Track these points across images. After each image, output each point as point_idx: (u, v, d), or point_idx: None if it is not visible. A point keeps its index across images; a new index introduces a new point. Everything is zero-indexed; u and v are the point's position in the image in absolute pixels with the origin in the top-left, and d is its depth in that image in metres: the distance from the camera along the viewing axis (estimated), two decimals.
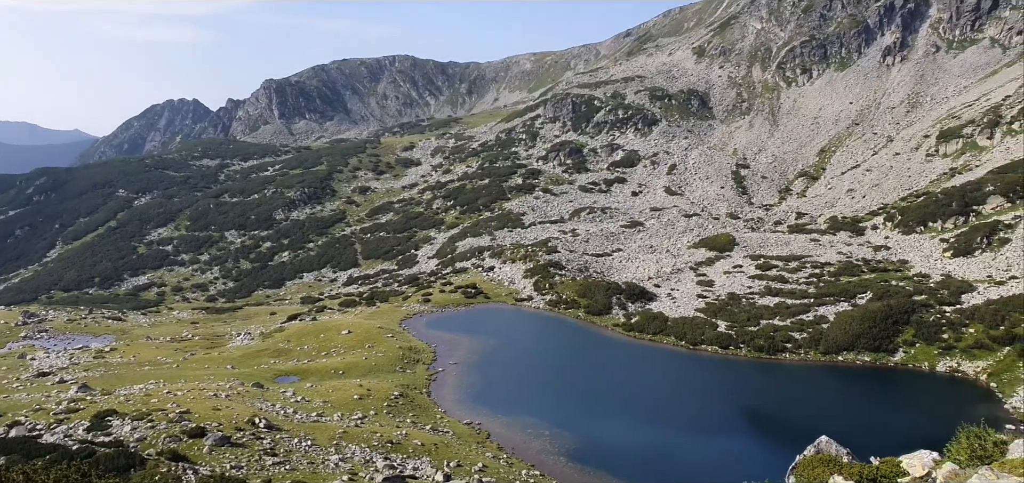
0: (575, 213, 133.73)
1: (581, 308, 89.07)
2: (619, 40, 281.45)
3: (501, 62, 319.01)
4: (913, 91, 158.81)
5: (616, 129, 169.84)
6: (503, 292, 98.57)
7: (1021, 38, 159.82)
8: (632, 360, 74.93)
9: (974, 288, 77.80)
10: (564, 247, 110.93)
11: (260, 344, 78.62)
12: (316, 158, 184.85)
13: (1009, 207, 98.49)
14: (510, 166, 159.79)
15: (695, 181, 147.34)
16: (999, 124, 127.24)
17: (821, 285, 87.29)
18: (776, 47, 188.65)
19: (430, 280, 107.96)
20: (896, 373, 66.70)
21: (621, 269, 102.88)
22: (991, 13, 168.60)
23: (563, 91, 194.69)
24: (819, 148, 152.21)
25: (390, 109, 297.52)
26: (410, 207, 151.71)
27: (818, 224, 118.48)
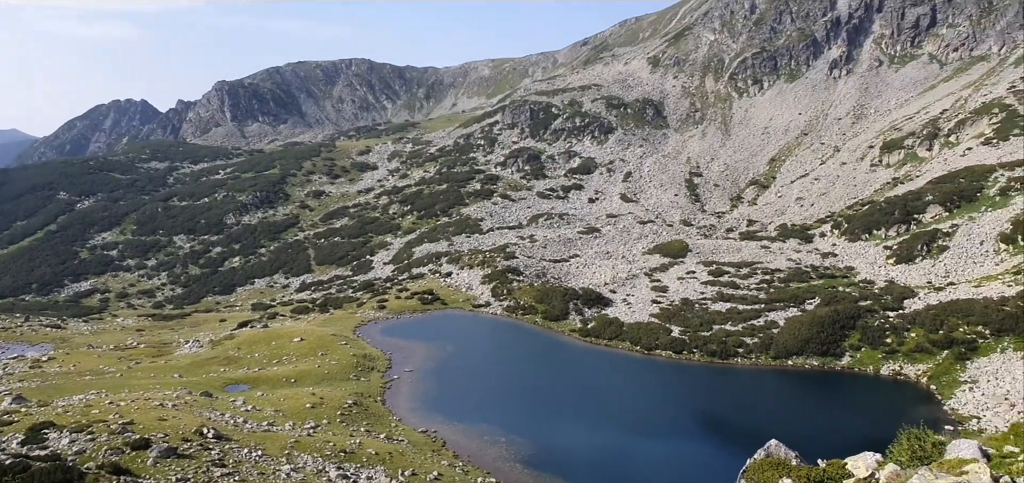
0: (533, 219, 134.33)
1: (538, 314, 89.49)
2: (576, 49, 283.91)
3: (459, 68, 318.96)
4: (858, 103, 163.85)
5: (573, 136, 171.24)
6: (460, 298, 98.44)
7: (957, 55, 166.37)
8: (588, 365, 75.56)
9: (916, 294, 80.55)
10: (522, 253, 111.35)
11: (209, 352, 77.01)
12: (269, 161, 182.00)
13: (947, 216, 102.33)
14: (468, 171, 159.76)
15: (650, 188, 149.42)
16: (937, 136, 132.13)
17: (772, 291, 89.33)
18: (728, 58, 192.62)
19: (386, 286, 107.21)
20: (843, 377, 68.64)
21: (578, 275, 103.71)
22: (929, 30, 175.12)
23: (521, 98, 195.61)
24: (769, 157, 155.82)
25: (346, 113, 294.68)
26: (366, 212, 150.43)
27: (768, 231, 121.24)
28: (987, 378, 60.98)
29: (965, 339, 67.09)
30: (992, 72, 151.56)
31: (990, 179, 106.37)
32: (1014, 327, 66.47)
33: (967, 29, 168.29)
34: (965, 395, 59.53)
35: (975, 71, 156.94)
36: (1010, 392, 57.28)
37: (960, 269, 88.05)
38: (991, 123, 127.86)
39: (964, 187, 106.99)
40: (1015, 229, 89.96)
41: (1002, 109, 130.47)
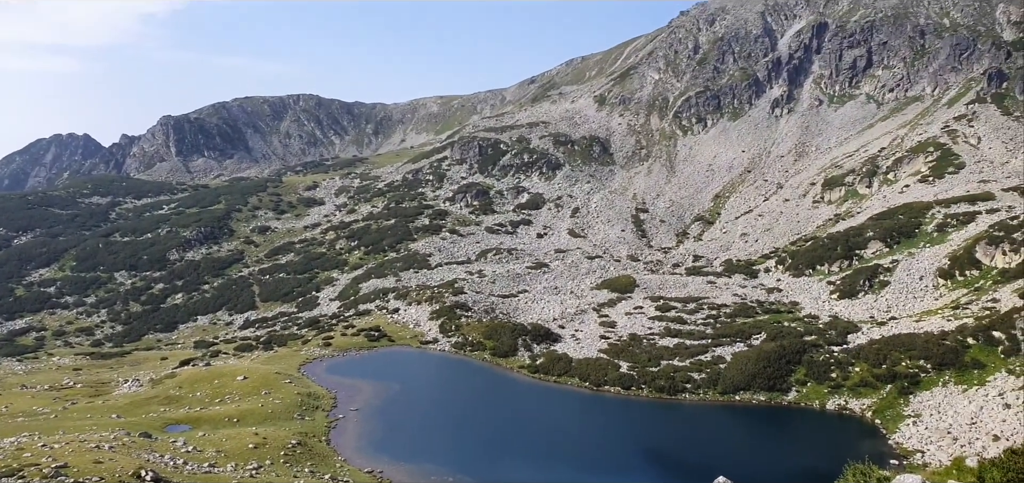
0: (482, 254, 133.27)
1: (487, 350, 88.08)
2: (524, 86, 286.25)
3: (408, 104, 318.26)
4: (800, 141, 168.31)
5: (522, 172, 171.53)
6: (408, 335, 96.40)
7: (893, 96, 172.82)
8: (537, 402, 74.37)
9: (859, 329, 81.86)
10: (471, 288, 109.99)
11: (149, 391, 73.43)
12: (214, 196, 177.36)
13: (888, 252, 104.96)
14: (417, 206, 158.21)
15: (598, 224, 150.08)
16: (876, 174, 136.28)
17: (718, 326, 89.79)
18: (673, 97, 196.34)
19: (331, 323, 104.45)
20: (789, 412, 68.87)
21: (527, 310, 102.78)
22: (866, 71, 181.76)
23: (470, 134, 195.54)
24: (714, 194, 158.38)
25: (293, 148, 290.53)
26: (312, 247, 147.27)
27: (714, 267, 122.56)
28: (930, 412, 61.81)
29: (908, 373, 68.14)
30: (926, 112, 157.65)
31: (927, 216, 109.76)
32: (954, 361, 67.81)
33: (902, 71, 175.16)
34: (909, 429, 60.16)
35: (910, 111, 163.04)
36: (952, 426, 58.06)
37: (901, 304, 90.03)
38: (927, 161, 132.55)
39: (903, 223, 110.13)
40: (953, 265, 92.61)
41: (936, 148, 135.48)
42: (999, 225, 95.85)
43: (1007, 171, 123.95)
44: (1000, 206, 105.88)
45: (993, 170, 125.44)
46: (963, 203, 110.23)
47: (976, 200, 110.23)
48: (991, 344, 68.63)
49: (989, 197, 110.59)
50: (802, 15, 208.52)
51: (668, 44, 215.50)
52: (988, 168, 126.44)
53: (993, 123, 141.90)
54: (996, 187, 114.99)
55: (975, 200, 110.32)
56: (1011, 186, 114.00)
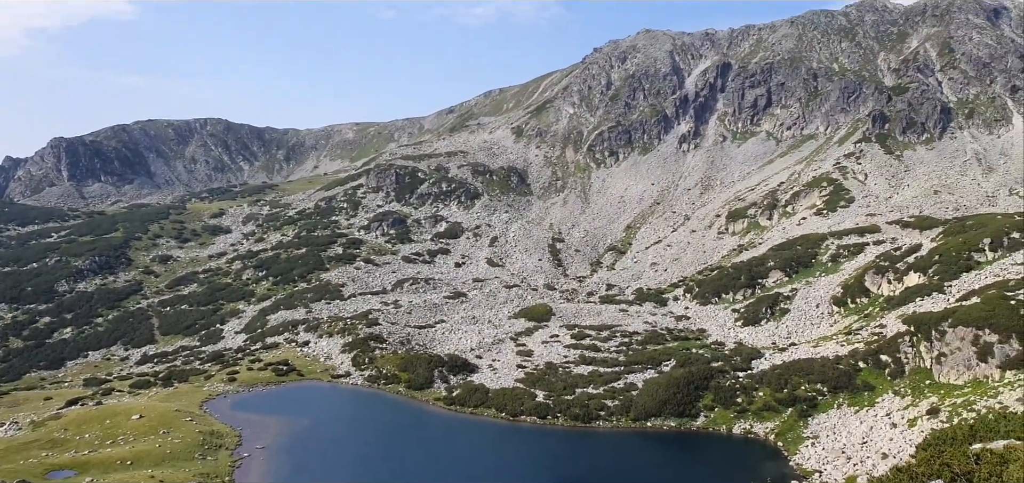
0: (398, 284, 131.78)
1: (402, 383, 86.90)
2: (442, 116, 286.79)
3: (322, 130, 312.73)
4: (706, 175, 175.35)
5: (440, 201, 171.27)
6: (319, 368, 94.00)
7: (790, 133, 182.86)
8: (453, 435, 73.79)
9: (762, 354, 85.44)
10: (386, 319, 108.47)
11: (29, 435, 68.52)
12: (111, 224, 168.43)
13: (787, 280, 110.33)
14: (330, 235, 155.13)
15: (515, 253, 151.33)
16: (776, 207, 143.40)
17: (630, 353, 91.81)
18: (587, 131, 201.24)
19: (237, 357, 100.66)
20: (698, 437, 70.98)
21: (444, 341, 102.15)
22: (766, 110, 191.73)
23: (387, 161, 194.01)
24: (626, 224, 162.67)
25: (199, 174, 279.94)
26: (217, 277, 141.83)
27: (626, 295, 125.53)
28: (827, 433, 65.00)
29: (807, 397, 71.54)
30: (820, 149, 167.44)
31: (822, 246, 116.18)
32: (848, 384, 71.73)
33: (798, 110, 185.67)
34: (808, 450, 63.04)
35: (806, 148, 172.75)
36: (846, 446, 61.19)
37: (800, 330, 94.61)
38: (821, 195, 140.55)
39: (801, 254, 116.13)
40: (845, 293, 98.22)
41: (830, 183, 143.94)
42: (885, 256, 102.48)
43: (890, 205, 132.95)
44: (885, 238, 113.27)
45: (878, 204, 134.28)
46: (853, 235, 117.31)
47: (865, 232, 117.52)
48: (879, 367, 72.99)
49: (876, 230, 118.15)
50: (707, 55, 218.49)
51: (582, 80, 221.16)
52: (874, 202, 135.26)
53: (878, 161, 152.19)
54: (882, 220, 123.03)
55: (864, 232, 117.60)
56: (894, 219, 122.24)
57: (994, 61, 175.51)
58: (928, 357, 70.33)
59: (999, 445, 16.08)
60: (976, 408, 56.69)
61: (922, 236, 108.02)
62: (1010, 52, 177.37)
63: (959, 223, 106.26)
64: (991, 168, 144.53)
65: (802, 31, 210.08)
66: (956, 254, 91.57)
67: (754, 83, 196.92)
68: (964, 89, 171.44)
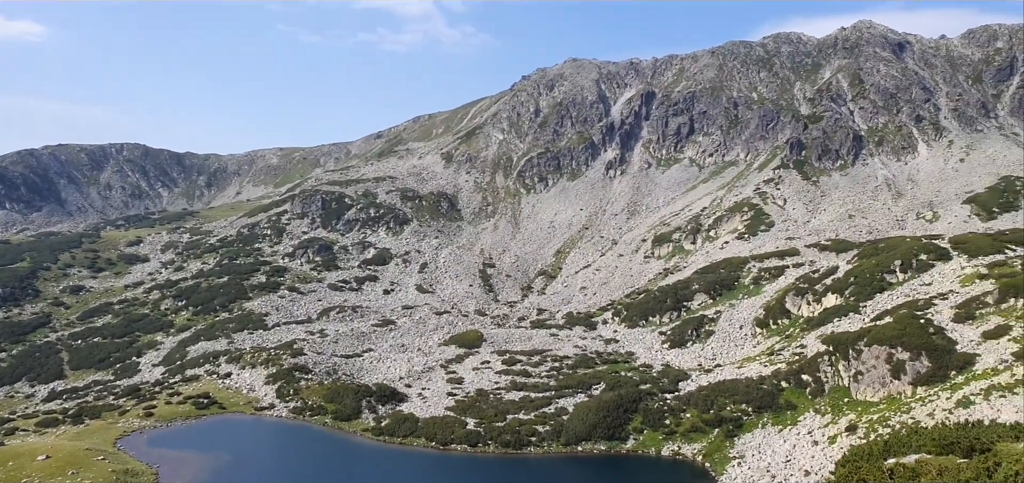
0: (324, 312, 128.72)
1: (329, 414, 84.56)
2: (370, 141, 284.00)
3: (245, 155, 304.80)
4: (632, 200, 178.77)
5: (368, 227, 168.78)
6: (241, 401, 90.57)
7: (712, 160, 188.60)
8: (381, 466, 72.09)
9: (689, 376, 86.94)
10: (311, 349, 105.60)
11: None
12: (16, 253, 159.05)
13: (711, 303, 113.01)
14: (253, 263, 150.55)
15: (446, 279, 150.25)
16: (700, 231, 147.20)
17: (561, 378, 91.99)
18: (516, 157, 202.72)
19: (155, 391, 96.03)
20: (628, 460, 71.42)
21: (372, 370, 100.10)
22: (689, 138, 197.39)
23: (313, 187, 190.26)
24: (556, 249, 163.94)
25: (115, 201, 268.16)
26: (133, 308, 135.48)
27: (557, 319, 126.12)
28: (752, 452, 66.38)
29: (732, 417, 73.03)
30: (741, 175, 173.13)
31: (745, 269, 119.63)
32: (771, 404, 73.62)
33: (719, 138, 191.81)
34: (735, 470, 64.18)
35: (727, 174, 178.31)
36: (771, 464, 62.59)
37: (725, 352, 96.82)
38: (743, 220, 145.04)
39: (724, 277, 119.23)
40: (767, 314, 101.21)
41: (750, 208, 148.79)
42: (804, 278, 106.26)
43: (808, 229, 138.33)
44: (804, 261, 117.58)
45: (797, 228, 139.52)
46: (774, 258, 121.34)
47: (784, 255, 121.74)
48: (801, 386, 75.27)
49: (795, 253, 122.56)
50: (632, 84, 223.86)
51: (511, 106, 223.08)
52: (793, 226, 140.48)
53: (795, 186, 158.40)
54: (800, 244, 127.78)
55: (784, 255, 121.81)
56: (812, 243, 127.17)
57: (900, 92, 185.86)
58: (846, 375, 72.92)
59: (911, 459, 16.50)
60: (891, 424, 58.92)
61: (838, 258, 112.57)
62: (914, 84, 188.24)
63: (872, 246, 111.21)
64: (900, 193, 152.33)
65: (723, 61, 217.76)
66: (870, 276, 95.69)
67: (677, 111, 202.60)
68: (874, 118, 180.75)
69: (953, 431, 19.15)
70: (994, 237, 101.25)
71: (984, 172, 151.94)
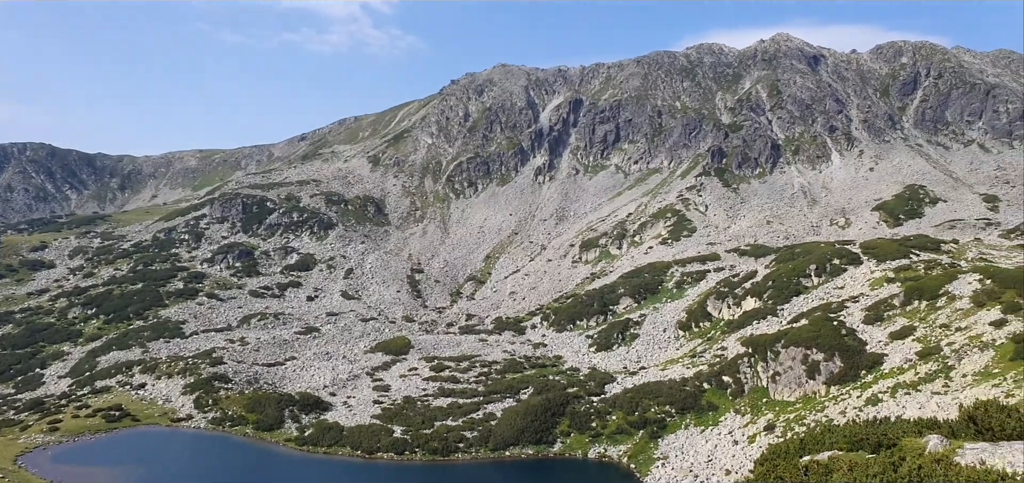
0: (245, 320, 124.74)
1: (250, 424, 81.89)
2: (294, 143, 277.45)
3: (161, 157, 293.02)
4: (560, 206, 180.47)
5: (291, 232, 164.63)
6: (157, 412, 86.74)
7: (637, 167, 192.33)
8: (304, 477, 70.25)
9: (615, 379, 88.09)
10: (231, 357, 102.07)
11: None
12: None
13: (636, 307, 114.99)
14: (170, 269, 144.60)
15: (372, 285, 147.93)
16: (625, 236, 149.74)
17: (489, 383, 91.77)
18: (446, 161, 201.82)
19: (61, 404, 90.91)
20: (556, 463, 71.73)
21: (295, 378, 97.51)
22: (615, 145, 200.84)
23: (233, 190, 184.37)
24: (485, 254, 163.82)
25: (17, 204, 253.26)
26: (37, 317, 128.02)
27: (486, 324, 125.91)
28: (676, 453, 67.67)
29: (657, 419, 74.32)
30: (665, 182, 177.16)
31: (668, 274, 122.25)
32: (694, 405, 75.27)
33: (644, 145, 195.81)
34: (659, 471, 65.28)
35: (652, 181, 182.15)
36: (694, 465, 63.93)
37: (649, 354, 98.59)
38: (666, 226, 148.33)
39: (649, 281, 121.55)
40: (690, 317, 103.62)
41: (673, 214, 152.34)
42: (724, 282, 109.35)
43: (729, 235, 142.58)
44: (725, 265, 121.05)
45: (718, 233, 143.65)
46: (696, 263, 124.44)
47: (706, 260, 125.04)
48: (722, 387, 77.27)
49: (716, 257, 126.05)
50: (560, 91, 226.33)
51: (440, 111, 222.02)
52: (714, 232, 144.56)
53: (717, 193, 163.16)
54: (721, 249, 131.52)
55: (705, 260, 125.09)
56: (732, 248, 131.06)
57: (815, 103, 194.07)
58: (765, 376, 75.26)
59: (825, 456, 16.91)
60: (806, 422, 61.07)
61: (757, 263, 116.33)
62: (828, 96, 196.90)
63: (789, 251, 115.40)
64: (815, 200, 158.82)
65: (648, 70, 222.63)
66: (787, 280, 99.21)
67: (604, 119, 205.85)
68: (791, 128, 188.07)
69: (863, 428, 19.85)
70: (900, 242, 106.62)
71: (891, 181, 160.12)
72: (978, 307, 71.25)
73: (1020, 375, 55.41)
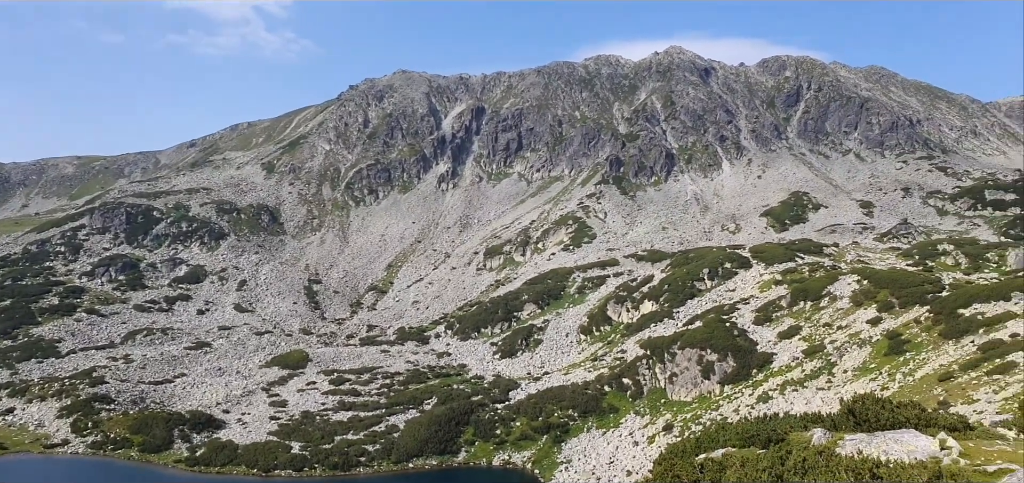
0: (130, 336, 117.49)
1: (135, 446, 77.10)
2: (183, 150, 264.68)
3: (33, 164, 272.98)
4: (464, 213, 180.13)
5: (180, 242, 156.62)
6: (27, 439, 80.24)
7: (539, 175, 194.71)
8: None
9: (519, 385, 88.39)
10: (114, 376, 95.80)
11: None
12: None
13: (540, 313, 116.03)
14: (43, 283, 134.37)
15: (267, 297, 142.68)
16: (529, 243, 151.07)
17: (392, 395, 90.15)
18: (345, 168, 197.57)
19: None
20: (460, 472, 71.13)
21: (185, 396, 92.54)
22: (517, 153, 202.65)
23: (116, 199, 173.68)
24: (387, 263, 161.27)
25: None
26: None
27: (388, 335, 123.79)
28: (579, 456, 68.45)
29: (560, 423, 74.99)
30: (566, 190, 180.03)
31: (570, 279, 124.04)
32: (596, 408, 76.44)
33: (545, 154, 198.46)
34: (562, 475, 65.85)
35: (554, 189, 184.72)
36: (596, 467, 64.83)
37: (552, 359, 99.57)
38: (568, 232, 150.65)
39: (551, 287, 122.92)
40: (591, 322, 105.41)
41: (575, 221, 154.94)
42: (623, 286, 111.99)
43: (627, 241, 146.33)
44: (623, 270, 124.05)
45: (617, 240, 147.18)
46: (596, 268, 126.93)
47: (606, 266, 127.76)
48: (622, 390, 78.88)
49: (615, 263, 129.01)
50: (462, 99, 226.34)
51: (339, 116, 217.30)
52: (613, 238, 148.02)
53: (615, 201, 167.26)
54: (620, 254, 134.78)
55: (605, 266, 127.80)
56: (630, 253, 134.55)
57: (706, 114, 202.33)
58: (662, 377, 77.36)
59: (719, 454, 17.27)
60: (702, 421, 63.12)
61: (654, 268, 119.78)
62: (718, 107, 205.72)
63: (684, 256, 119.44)
64: (707, 207, 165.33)
65: (548, 80, 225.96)
66: (682, 283, 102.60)
67: (506, 127, 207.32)
68: (684, 137, 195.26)
69: (754, 425, 20.56)
70: (786, 246, 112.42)
71: (778, 188, 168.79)
72: (857, 306, 75.88)
73: (894, 369, 59.30)
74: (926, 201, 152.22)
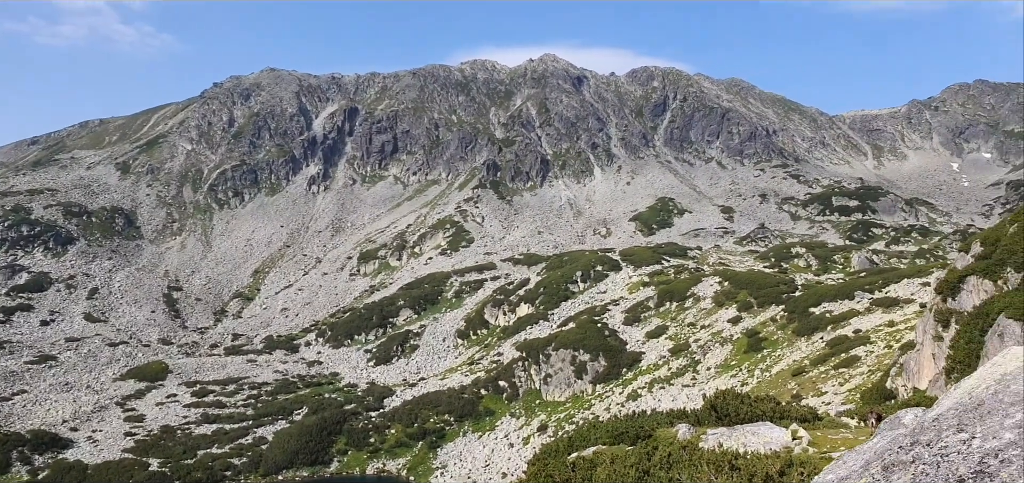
0: None
1: None
2: (23, 147, 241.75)
3: None
4: (337, 217, 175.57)
5: (20, 248, 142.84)
6: None
7: (416, 178, 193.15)
8: None
9: (394, 392, 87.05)
10: None
11: None
12: None
13: (417, 318, 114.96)
14: None
15: (122, 306, 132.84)
16: (405, 248, 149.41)
17: (259, 406, 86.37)
18: (208, 169, 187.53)
19: None
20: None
21: (26, 414, 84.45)
22: (393, 156, 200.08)
23: None
24: (253, 269, 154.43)
25: None
26: None
27: (255, 344, 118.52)
28: (454, 461, 68.29)
29: (435, 428, 74.51)
30: (443, 194, 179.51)
31: (448, 284, 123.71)
32: (472, 411, 76.55)
33: (422, 157, 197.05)
34: (438, 480, 65.48)
35: (431, 192, 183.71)
36: (472, 471, 64.91)
37: (429, 365, 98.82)
38: (445, 236, 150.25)
39: (429, 291, 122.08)
40: (468, 325, 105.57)
41: (452, 225, 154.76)
42: (500, 290, 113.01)
43: (504, 244, 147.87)
44: (500, 274, 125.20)
45: (494, 244, 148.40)
46: (474, 272, 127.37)
47: (483, 269, 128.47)
48: (499, 392, 79.46)
49: (492, 267, 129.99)
50: (334, 99, 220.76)
51: (202, 115, 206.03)
52: (491, 242, 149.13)
53: (492, 205, 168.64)
54: (497, 258, 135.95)
55: (482, 269, 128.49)
56: (507, 257, 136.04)
57: (579, 121, 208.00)
58: (538, 379, 78.59)
59: (590, 452, 17.61)
60: (575, 420, 64.63)
61: (530, 271, 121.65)
62: (590, 115, 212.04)
63: (558, 259, 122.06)
64: (580, 212, 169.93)
65: (424, 83, 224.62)
66: (557, 286, 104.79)
67: (381, 129, 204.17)
68: (558, 144, 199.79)
69: (624, 422, 21.22)
70: (654, 250, 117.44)
71: (646, 194, 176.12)
72: (719, 307, 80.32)
73: (753, 365, 63.18)
74: (781, 207, 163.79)
